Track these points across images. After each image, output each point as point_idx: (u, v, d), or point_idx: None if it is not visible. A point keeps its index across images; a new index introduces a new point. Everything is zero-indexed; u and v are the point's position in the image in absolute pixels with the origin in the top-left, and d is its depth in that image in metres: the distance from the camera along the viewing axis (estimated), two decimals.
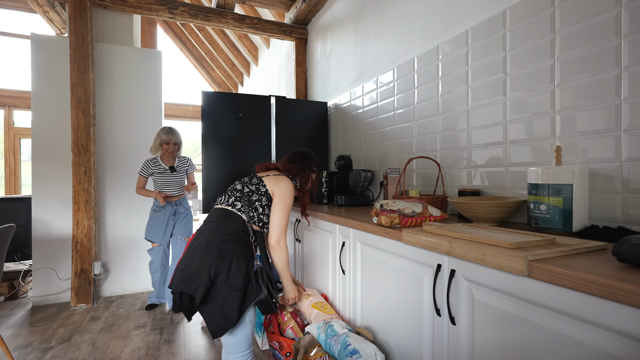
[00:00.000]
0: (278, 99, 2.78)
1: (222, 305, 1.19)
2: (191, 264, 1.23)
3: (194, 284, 1.19)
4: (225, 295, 1.20)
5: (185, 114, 6.93)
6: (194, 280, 1.19)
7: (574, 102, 1.18)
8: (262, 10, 4.35)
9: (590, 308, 0.66)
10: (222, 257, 1.24)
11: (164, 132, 2.57)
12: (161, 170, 2.57)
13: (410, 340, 1.20)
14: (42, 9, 3.30)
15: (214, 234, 1.30)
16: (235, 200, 1.41)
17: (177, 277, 1.23)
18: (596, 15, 1.11)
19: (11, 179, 5.47)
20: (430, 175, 1.87)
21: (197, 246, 1.28)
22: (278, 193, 1.45)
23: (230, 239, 1.30)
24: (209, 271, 1.21)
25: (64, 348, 2.05)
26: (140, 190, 2.58)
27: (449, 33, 1.73)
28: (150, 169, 2.56)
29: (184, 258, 1.28)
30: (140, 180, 2.58)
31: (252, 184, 1.46)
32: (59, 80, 2.80)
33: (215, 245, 1.26)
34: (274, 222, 1.43)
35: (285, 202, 1.44)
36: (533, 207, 1.13)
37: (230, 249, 1.27)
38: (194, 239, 1.34)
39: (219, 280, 1.21)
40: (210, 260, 1.23)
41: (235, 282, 1.22)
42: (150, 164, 2.57)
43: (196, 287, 1.18)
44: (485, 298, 0.90)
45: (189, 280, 1.20)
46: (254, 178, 1.49)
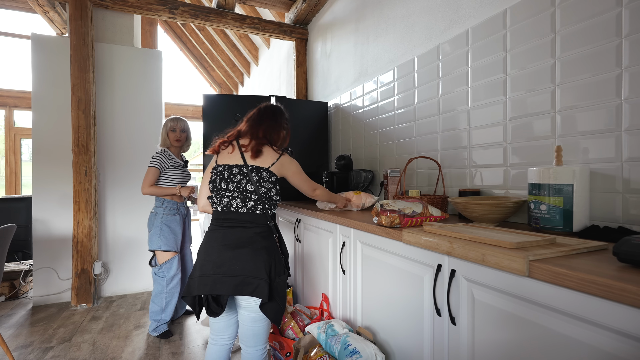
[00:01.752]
0: (278, 99, 2.78)
1: (277, 297, 1.26)
2: (240, 266, 1.22)
3: (250, 285, 1.20)
4: (277, 286, 1.27)
5: (186, 114, 6.93)
6: (250, 282, 1.21)
7: (574, 102, 1.17)
8: (262, 10, 4.35)
9: (590, 308, 0.66)
10: (270, 253, 1.29)
11: (170, 120, 2.30)
12: (176, 164, 2.24)
13: (411, 340, 1.20)
14: (43, 9, 3.30)
15: (252, 233, 1.30)
16: (255, 205, 1.33)
17: (228, 282, 1.20)
18: (597, 15, 1.11)
19: (12, 179, 5.47)
20: (430, 175, 1.87)
21: (237, 247, 1.25)
22: (289, 172, 1.45)
23: (267, 234, 1.34)
24: (265, 270, 1.24)
25: (65, 348, 2.05)
26: (153, 188, 2.15)
27: (449, 33, 1.72)
28: (166, 162, 2.20)
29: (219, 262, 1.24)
30: (153, 173, 2.15)
31: (265, 181, 1.35)
32: (60, 81, 2.80)
33: (260, 243, 1.29)
34: (302, 187, 1.52)
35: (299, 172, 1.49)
36: (533, 207, 1.13)
37: (272, 244, 1.33)
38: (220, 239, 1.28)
39: (272, 275, 1.26)
40: (263, 259, 1.26)
41: (280, 272, 1.30)
42: (165, 156, 2.21)
43: (255, 287, 1.20)
44: (485, 298, 0.90)
45: (243, 283, 1.20)
46: (262, 172, 1.35)
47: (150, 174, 2.14)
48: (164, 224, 2.18)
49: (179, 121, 2.30)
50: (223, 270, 1.22)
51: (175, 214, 2.23)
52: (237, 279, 1.21)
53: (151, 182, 2.15)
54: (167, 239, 2.16)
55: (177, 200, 2.26)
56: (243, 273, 1.22)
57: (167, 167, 2.21)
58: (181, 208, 2.30)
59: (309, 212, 1.96)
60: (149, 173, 2.14)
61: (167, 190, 2.18)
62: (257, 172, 1.34)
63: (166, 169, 2.21)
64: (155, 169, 2.16)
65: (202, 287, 1.22)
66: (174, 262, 2.19)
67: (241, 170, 1.34)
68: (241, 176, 1.34)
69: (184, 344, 2.11)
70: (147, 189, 2.14)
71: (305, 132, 2.92)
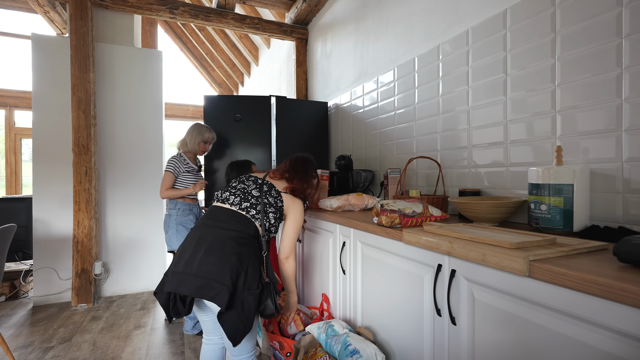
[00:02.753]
0: (278, 99, 2.78)
1: (240, 311, 1.16)
2: (207, 269, 1.16)
3: (212, 290, 1.13)
4: (244, 299, 1.17)
5: (186, 114, 6.93)
6: (213, 286, 1.13)
7: (574, 102, 1.17)
8: (262, 11, 4.35)
9: (591, 308, 0.66)
10: (240, 261, 1.20)
11: (206, 129, 2.33)
12: (190, 169, 2.31)
13: (411, 340, 1.20)
14: (43, 9, 3.30)
15: (227, 237, 1.24)
16: (250, 206, 1.35)
17: (191, 282, 1.15)
18: (597, 15, 1.11)
19: (12, 179, 5.47)
20: (430, 175, 1.87)
21: (210, 249, 1.21)
22: (292, 216, 1.49)
23: (246, 242, 1.27)
24: (230, 276, 1.15)
25: (65, 348, 2.05)
26: (170, 191, 2.23)
27: (449, 33, 1.72)
28: (181, 167, 2.26)
29: (190, 260, 1.20)
30: (169, 178, 2.23)
31: (271, 196, 1.41)
32: (60, 81, 2.80)
33: (233, 248, 1.21)
34: (285, 240, 1.49)
35: (297, 225, 1.51)
36: (534, 207, 1.13)
37: (247, 253, 1.24)
38: (199, 238, 1.26)
39: (238, 284, 1.17)
40: (230, 265, 1.17)
41: (252, 286, 1.19)
42: (180, 160, 2.28)
43: (216, 293, 1.12)
44: (485, 298, 0.90)
45: (206, 286, 1.13)
46: (272, 190, 1.43)
47: (167, 179, 2.23)
48: (180, 225, 2.25)
49: (213, 134, 2.38)
50: (190, 269, 1.17)
51: (189, 214, 2.29)
52: (202, 280, 1.14)
53: (168, 186, 2.24)
54: (180, 240, 2.23)
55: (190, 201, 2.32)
56: (208, 276, 1.15)
57: (182, 172, 2.28)
58: (194, 209, 2.34)
59: (309, 212, 1.96)
60: (166, 178, 2.24)
61: (183, 191, 2.26)
62: (270, 188, 1.44)
63: (180, 173, 2.28)
64: (171, 174, 2.24)
65: (169, 285, 1.17)
66: None
67: (256, 180, 1.47)
68: (254, 184, 1.45)
69: (184, 344, 2.11)
70: (164, 193, 2.24)
71: (306, 132, 2.92)
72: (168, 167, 2.23)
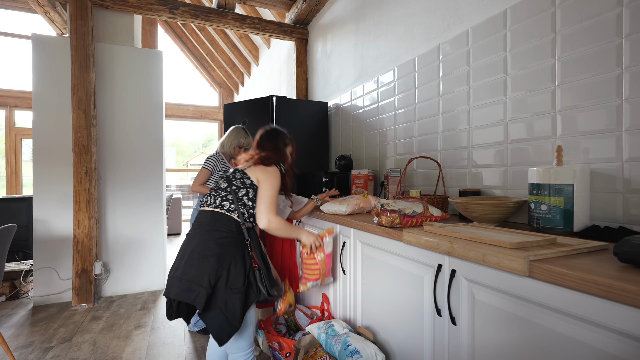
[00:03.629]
0: (278, 99, 2.78)
1: (224, 310, 1.18)
2: (189, 272, 1.21)
3: (193, 292, 1.18)
4: (227, 299, 1.19)
5: (186, 114, 6.93)
6: (193, 289, 1.18)
7: (575, 102, 1.17)
8: (262, 11, 4.35)
9: (591, 308, 0.66)
10: (220, 262, 1.22)
11: (243, 135, 2.34)
12: (227, 169, 2.29)
13: (411, 340, 1.20)
14: (43, 10, 3.30)
15: (208, 239, 1.27)
16: (222, 201, 1.34)
17: (176, 286, 1.21)
18: (597, 15, 1.11)
19: (12, 179, 5.48)
20: (430, 175, 1.87)
21: (192, 252, 1.25)
22: (263, 177, 1.37)
23: (226, 241, 1.27)
24: (208, 278, 1.19)
25: (65, 348, 2.05)
26: (201, 187, 2.22)
27: (449, 33, 1.72)
28: (218, 165, 2.26)
29: (178, 265, 1.26)
30: (204, 174, 2.23)
31: (237, 179, 1.38)
32: (60, 81, 2.81)
33: (212, 250, 1.24)
34: (260, 200, 1.35)
35: (271, 181, 1.37)
36: (534, 207, 1.13)
37: (227, 252, 1.25)
38: (186, 244, 1.31)
39: (219, 285, 1.20)
40: (208, 266, 1.21)
41: (235, 285, 1.21)
42: (219, 160, 2.27)
43: (196, 296, 1.17)
44: (486, 298, 0.90)
45: (188, 289, 1.19)
46: (236, 172, 1.41)
47: (202, 174, 2.24)
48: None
49: (250, 140, 2.35)
50: (177, 273, 1.24)
51: None
52: (185, 284, 1.20)
53: (201, 182, 2.23)
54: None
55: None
56: (189, 279, 1.20)
57: (218, 170, 2.27)
58: None
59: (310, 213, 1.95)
60: (201, 173, 2.25)
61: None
62: (234, 173, 1.42)
63: (217, 171, 2.27)
64: (207, 171, 2.24)
65: (166, 289, 1.26)
66: None
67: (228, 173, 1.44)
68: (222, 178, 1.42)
69: (184, 344, 2.11)
70: (196, 187, 2.25)
71: (306, 132, 2.92)
72: (206, 164, 2.26)
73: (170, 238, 5.81)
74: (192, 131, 30.29)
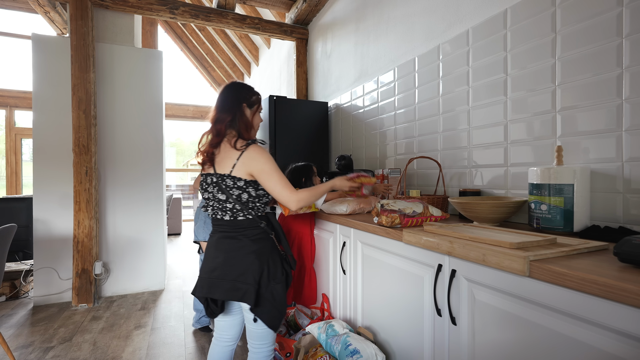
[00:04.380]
0: (279, 98, 2.78)
1: (272, 301, 1.24)
2: (230, 272, 1.24)
3: (239, 290, 1.21)
4: (272, 290, 1.25)
5: (186, 114, 6.93)
6: (239, 287, 1.21)
7: (575, 102, 1.17)
8: (262, 11, 4.35)
9: (591, 308, 0.66)
10: (260, 258, 1.26)
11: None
12: None
13: (411, 341, 1.20)
14: (43, 10, 3.30)
15: (242, 237, 1.28)
16: (233, 213, 1.26)
17: (219, 286, 1.23)
18: (597, 15, 1.11)
19: (12, 179, 5.48)
20: (431, 175, 1.87)
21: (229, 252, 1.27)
22: (257, 169, 1.23)
23: (260, 237, 1.30)
24: (252, 275, 1.22)
25: (65, 348, 2.05)
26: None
27: (449, 33, 1.72)
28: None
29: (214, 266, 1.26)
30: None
31: (231, 188, 1.23)
32: (60, 81, 2.81)
33: (249, 247, 1.27)
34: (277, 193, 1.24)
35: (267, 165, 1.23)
36: (534, 207, 1.12)
37: (264, 248, 1.29)
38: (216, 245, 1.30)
39: (262, 280, 1.24)
40: (250, 264, 1.24)
41: (276, 276, 1.27)
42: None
43: (243, 293, 1.21)
44: (486, 298, 0.90)
45: (233, 289, 1.22)
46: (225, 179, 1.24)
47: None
48: (208, 218, 2.25)
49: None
50: (216, 274, 1.25)
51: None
52: (228, 284, 1.23)
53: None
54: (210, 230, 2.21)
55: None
56: (233, 278, 1.23)
57: None
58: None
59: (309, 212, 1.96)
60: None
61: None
62: (222, 181, 1.23)
63: None
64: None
65: (200, 289, 1.27)
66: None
67: (212, 179, 1.26)
68: (213, 186, 1.26)
69: (184, 344, 2.11)
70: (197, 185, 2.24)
71: (306, 132, 2.92)
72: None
73: (171, 238, 5.81)
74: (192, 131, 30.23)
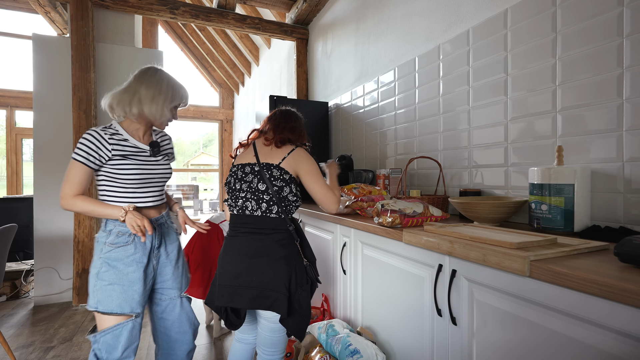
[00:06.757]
0: (279, 99, 2.78)
1: (299, 310, 1.17)
2: (257, 278, 1.15)
3: (268, 299, 1.12)
4: (300, 299, 1.18)
5: (187, 114, 6.93)
6: (268, 295, 1.12)
7: (575, 101, 1.17)
8: (263, 11, 4.35)
9: (591, 308, 0.66)
10: (289, 264, 1.18)
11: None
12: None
13: (412, 341, 1.20)
14: (44, 10, 3.31)
15: (270, 242, 1.20)
16: (268, 205, 1.23)
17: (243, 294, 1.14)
18: (598, 15, 1.11)
19: (13, 179, 5.48)
20: (431, 175, 1.87)
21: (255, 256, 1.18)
22: (304, 169, 1.27)
23: (287, 242, 1.23)
24: (284, 282, 1.14)
25: (66, 347, 2.05)
26: (83, 203, 1.24)
27: (450, 33, 1.72)
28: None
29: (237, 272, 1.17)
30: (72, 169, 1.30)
31: (276, 179, 1.23)
32: (61, 81, 2.81)
33: (279, 252, 1.19)
34: (322, 195, 1.28)
35: (315, 171, 1.28)
36: (534, 207, 1.12)
37: (291, 253, 1.22)
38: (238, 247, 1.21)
39: (292, 288, 1.17)
40: (280, 271, 1.16)
41: (302, 283, 1.20)
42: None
43: (273, 302, 1.12)
44: (486, 298, 0.90)
45: (260, 296, 1.13)
46: (272, 169, 1.24)
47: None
48: (107, 261, 1.23)
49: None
50: (240, 281, 1.15)
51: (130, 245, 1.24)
52: (255, 291, 1.14)
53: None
54: (113, 294, 1.21)
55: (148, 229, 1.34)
56: (260, 285, 1.14)
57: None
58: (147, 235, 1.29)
59: (309, 212, 1.96)
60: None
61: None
62: (268, 170, 1.24)
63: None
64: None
65: (220, 298, 1.17)
66: (123, 334, 1.20)
67: (252, 168, 1.26)
68: (253, 175, 1.25)
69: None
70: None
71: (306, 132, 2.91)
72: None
73: None
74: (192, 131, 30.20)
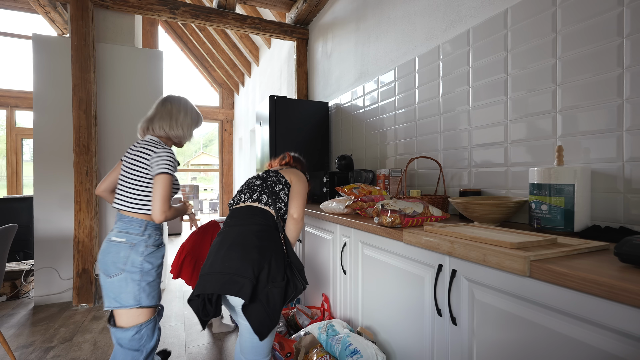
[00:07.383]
0: (279, 99, 2.78)
1: (265, 304, 1.16)
2: (229, 265, 1.17)
3: (236, 284, 1.14)
4: (268, 293, 1.17)
5: None
6: (236, 281, 1.14)
7: (575, 101, 1.17)
8: (263, 11, 4.35)
9: (591, 308, 0.66)
10: (262, 254, 1.20)
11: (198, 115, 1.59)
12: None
13: (412, 341, 1.20)
14: (44, 10, 3.31)
15: (248, 232, 1.26)
16: (260, 195, 1.40)
17: (215, 281, 1.16)
18: (598, 15, 1.11)
19: (13, 179, 5.48)
20: (431, 175, 1.87)
21: (231, 245, 1.22)
22: (296, 179, 1.49)
23: (266, 235, 1.27)
24: (252, 269, 1.16)
25: (66, 347, 2.05)
26: (172, 209, 1.38)
27: (450, 33, 1.72)
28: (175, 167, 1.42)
29: (214, 261, 1.21)
30: (170, 184, 1.34)
31: (272, 176, 1.48)
32: (61, 81, 2.81)
33: (253, 242, 1.22)
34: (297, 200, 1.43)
35: (304, 184, 1.50)
36: (534, 207, 1.12)
37: (268, 246, 1.24)
38: (222, 240, 1.27)
39: (261, 277, 1.17)
40: (251, 258, 1.18)
41: (276, 279, 1.20)
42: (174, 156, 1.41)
43: (240, 287, 1.13)
44: (486, 298, 0.90)
45: (230, 282, 1.14)
46: (270, 172, 1.51)
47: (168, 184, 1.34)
48: (152, 269, 1.38)
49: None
50: (214, 268, 1.19)
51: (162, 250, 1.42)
52: (225, 276, 1.16)
53: (168, 198, 1.35)
54: (155, 293, 1.39)
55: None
56: (231, 271, 1.16)
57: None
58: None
59: (310, 212, 1.96)
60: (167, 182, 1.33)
61: (181, 210, 1.54)
62: (268, 173, 1.52)
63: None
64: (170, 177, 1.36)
65: (197, 287, 1.19)
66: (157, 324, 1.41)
67: (258, 176, 1.53)
68: (254, 179, 1.52)
69: (184, 344, 2.11)
70: (168, 212, 1.37)
71: (306, 132, 2.92)
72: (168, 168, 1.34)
73: (171, 238, 5.81)
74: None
